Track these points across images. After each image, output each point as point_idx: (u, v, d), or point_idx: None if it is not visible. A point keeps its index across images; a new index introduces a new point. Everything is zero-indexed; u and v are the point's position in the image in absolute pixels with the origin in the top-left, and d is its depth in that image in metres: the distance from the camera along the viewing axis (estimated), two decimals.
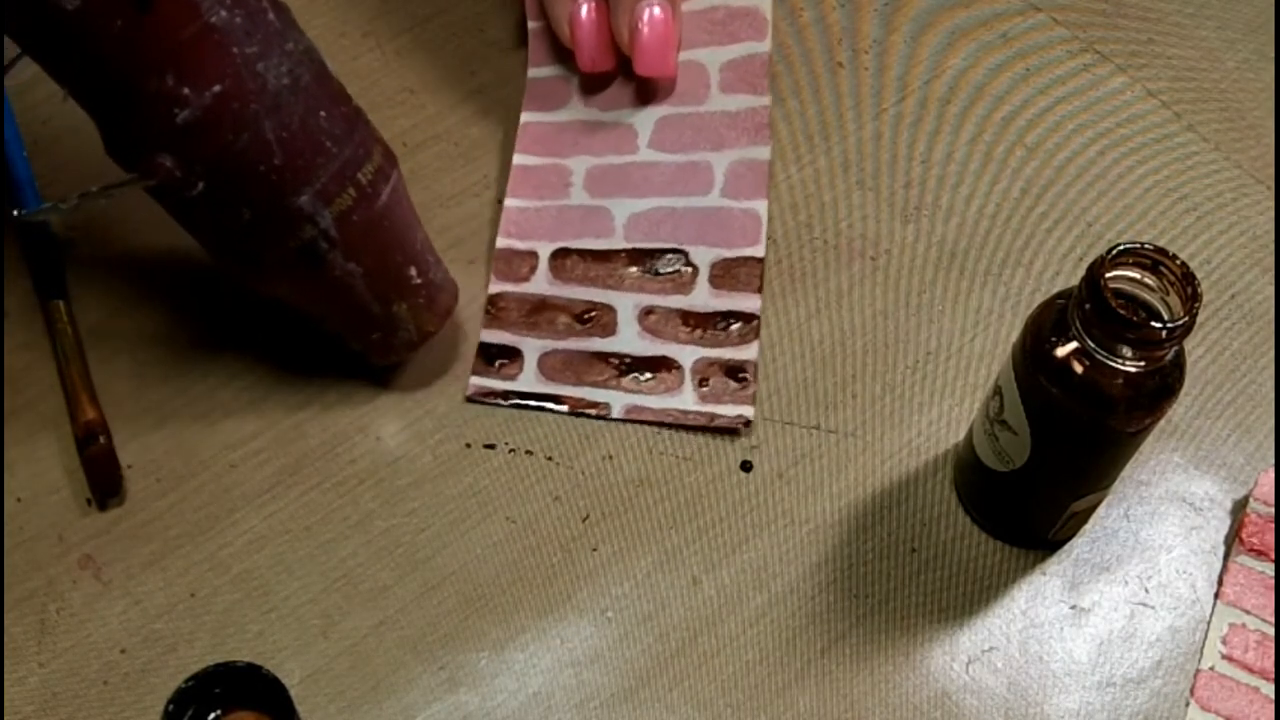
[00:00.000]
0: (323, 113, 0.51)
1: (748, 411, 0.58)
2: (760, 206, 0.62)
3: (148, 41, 0.47)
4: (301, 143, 0.50)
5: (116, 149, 0.51)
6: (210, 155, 0.49)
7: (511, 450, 0.57)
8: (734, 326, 0.60)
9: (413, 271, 0.55)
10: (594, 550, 0.55)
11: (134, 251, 0.62)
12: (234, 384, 0.58)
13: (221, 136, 0.49)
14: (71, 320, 0.59)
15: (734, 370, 0.59)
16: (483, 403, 0.58)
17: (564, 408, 0.58)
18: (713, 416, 0.58)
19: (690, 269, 0.61)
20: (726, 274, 0.61)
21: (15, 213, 0.54)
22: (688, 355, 0.59)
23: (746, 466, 0.57)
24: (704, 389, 0.58)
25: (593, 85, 0.65)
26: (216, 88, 0.48)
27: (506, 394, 0.58)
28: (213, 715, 0.45)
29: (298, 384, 0.58)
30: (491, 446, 0.57)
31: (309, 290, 0.54)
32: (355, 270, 0.53)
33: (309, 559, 0.54)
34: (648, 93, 0.65)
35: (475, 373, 0.59)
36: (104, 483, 0.55)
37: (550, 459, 0.57)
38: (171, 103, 0.48)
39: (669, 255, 0.61)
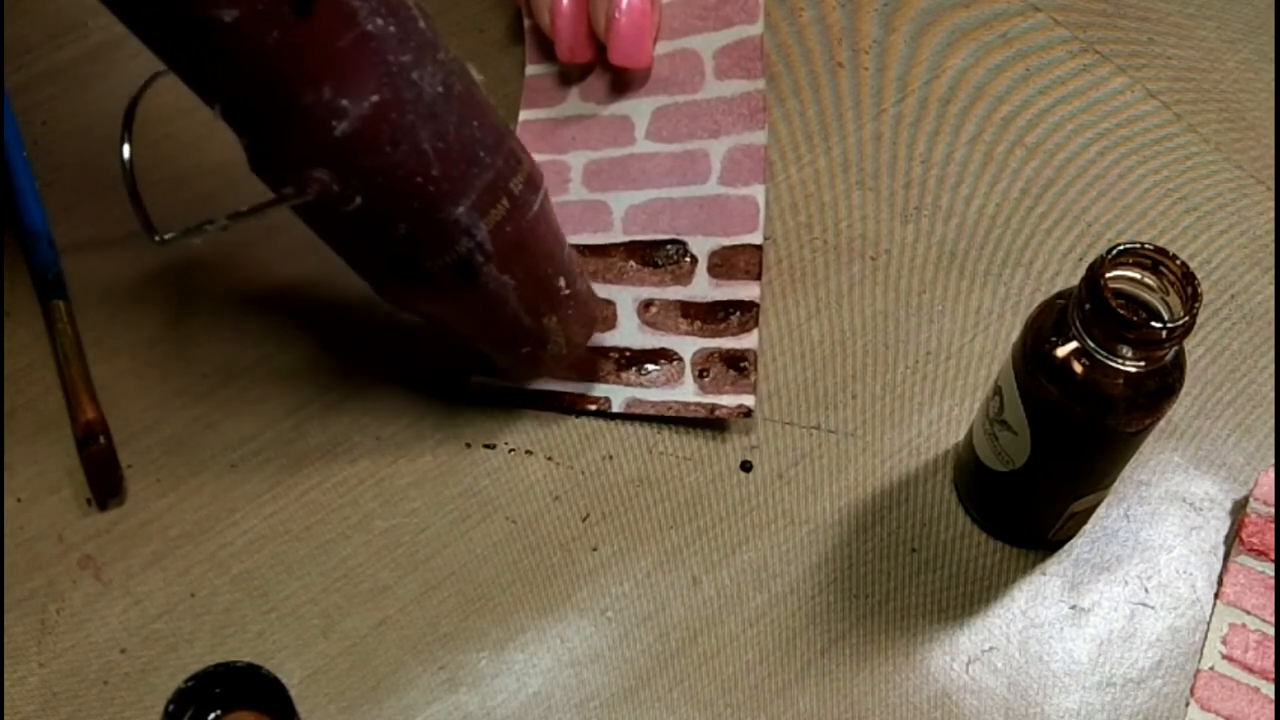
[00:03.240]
0: (475, 122, 0.49)
1: (748, 401, 0.58)
2: (758, 192, 0.62)
3: (305, 51, 0.45)
4: (457, 153, 0.48)
5: (266, 166, 0.49)
6: (368, 168, 0.47)
7: (511, 450, 0.57)
8: (734, 316, 0.60)
9: (562, 283, 0.54)
10: (594, 550, 0.55)
11: (135, 252, 0.62)
12: (234, 384, 0.58)
13: (379, 148, 0.47)
14: (71, 320, 0.59)
15: (734, 360, 0.59)
16: (483, 401, 0.58)
17: (564, 405, 0.58)
18: (714, 407, 0.58)
19: (689, 259, 0.61)
20: (725, 263, 0.61)
21: (157, 237, 0.51)
22: (688, 346, 0.59)
23: (746, 466, 0.57)
24: (704, 380, 0.58)
25: (589, 79, 0.66)
26: (374, 98, 0.46)
27: (506, 391, 0.58)
28: (213, 715, 0.45)
29: (298, 384, 0.58)
30: (491, 446, 0.57)
31: (462, 305, 0.52)
32: (508, 283, 0.52)
33: (309, 559, 0.54)
34: (644, 84, 0.65)
35: (476, 371, 0.59)
36: (104, 483, 0.55)
37: (550, 459, 0.57)
38: (329, 114, 0.46)
39: (668, 246, 0.61)
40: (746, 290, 0.60)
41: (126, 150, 0.51)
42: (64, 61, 0.67)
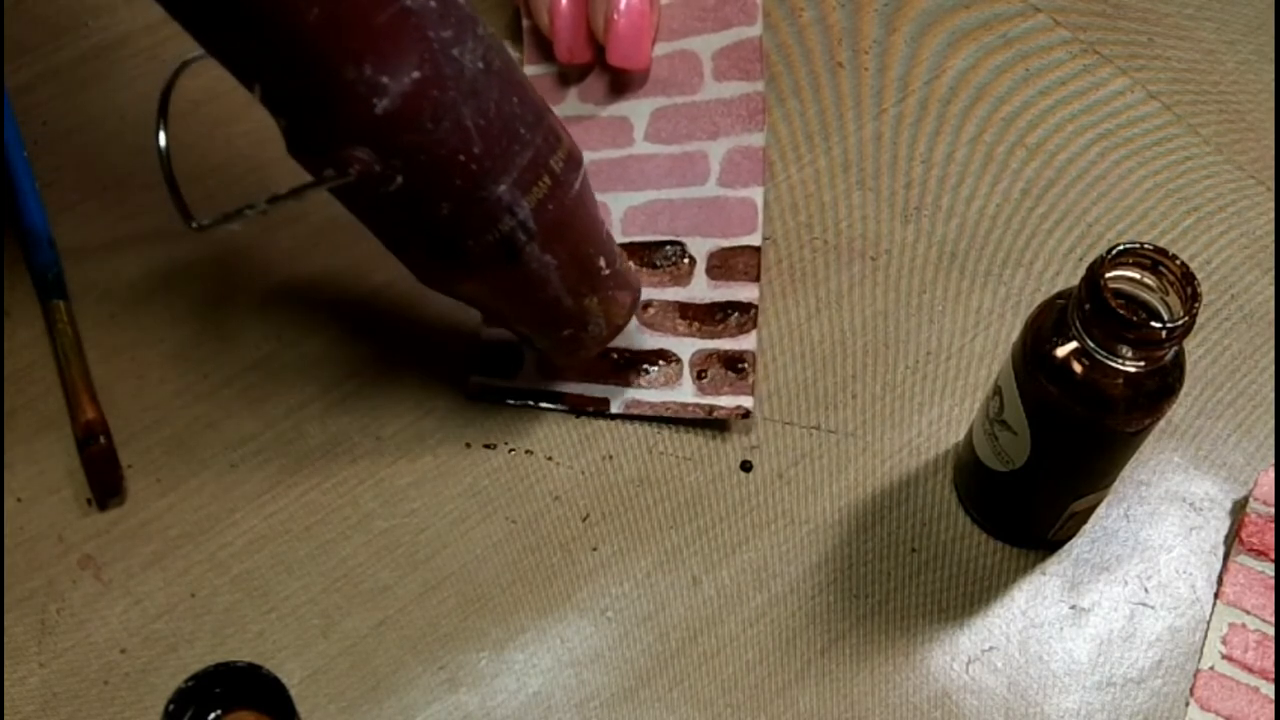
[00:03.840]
0: (515, 98, 0.49)
1: (746, 402, 0.58)
2: (756, 194, 0.62)
3: (346, 27, 0.45)
4: (498, 129, 0.48)
5: (305, 147, 0.48)
6: (410, 145, 0.47)
7: (511, 450, 0.57)
8: (732, 317, 0.60)
9: (602, 263, 0.53)
10: (594, 550, 0.55)
11: (134, 251, 0.62)
12: (234, 384, 0.58)
13: (421, 125, 0.46)
14: (71, 320, 0.59)
15: (732, 361, 0.59)
16: (483, 400, 0.58)
17: (563, 405, 0.58)
18: (712, 408, 0.58)
19: (688, 260, 0.61)
20: (724, 264, 0.61)
21: (194, 224, 0.50)
22: (686, 347, 0.59)
23: (746, 466, 0.57)
24: (703, 381, 0.58)
25: (588, 80, 0.65)
26: (415, 74, 0.46)
27: (506, 391, 0.58)
28: (213, 715, 0.45)
29: (298, 384, 0.58)
30: (491, 446, 0.57)
31: (504, 285, 0.52)
32: (550, 262, 0.51)
33: (309, 559, 0.54)
34: (642, 85, 0.65)
35: (475, 371, 0.59)
36: (104, 483, 0.55)
37: (550, 459, 0.57)
38: (370, 91, 0.45)
39: (666, 247, 0.61)
40: (745, 291, 0.60)
41: (163, 138, 0.50)
42: (64, 61, 0.67)
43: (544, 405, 0.58)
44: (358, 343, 0.60)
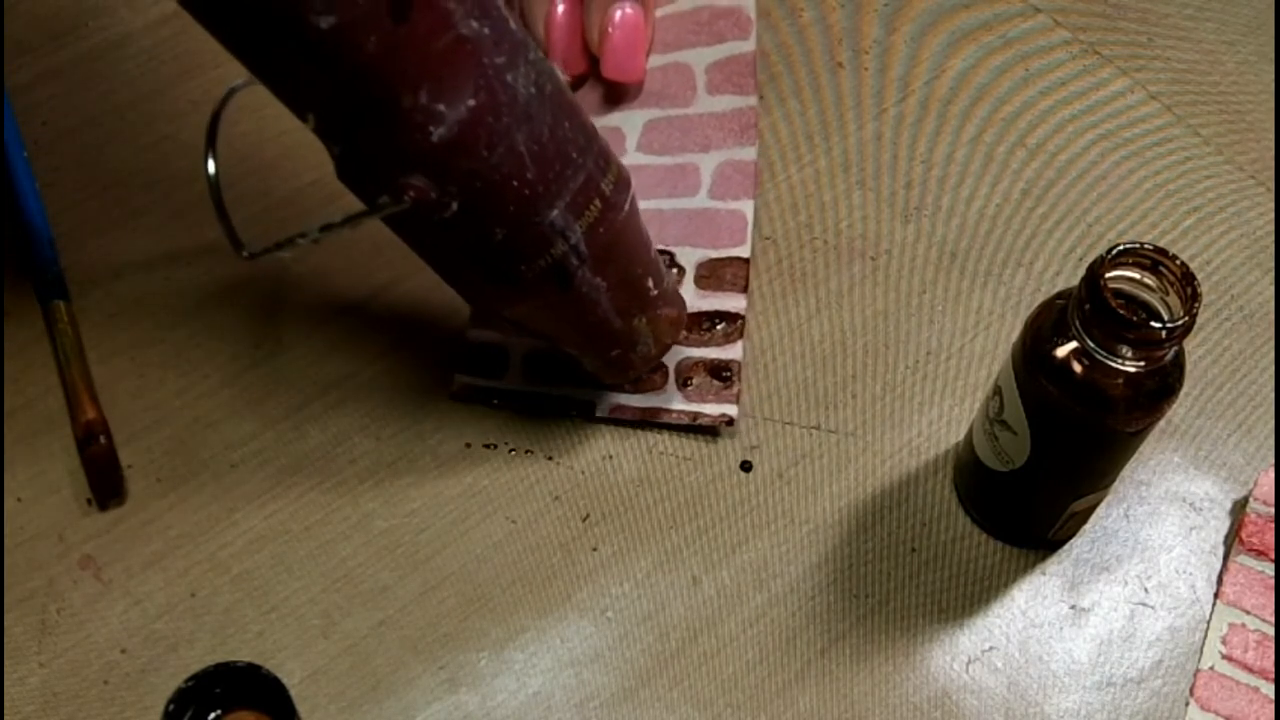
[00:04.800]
0: (567, 123, 0.49)
1: (731, 410, 0.58)
2: (746, 207, 0.62)
3: (403, 56, 0.44)
4: (551, 154, 0.48)
5: (357, 174, 0.48)
6: (466, 172, 0.46)
7: (511, 450, 0.57)
8: (719, 326, 0.60)
9: (650, 283, 0.54)
10: (594, 550, 0.55)
11: (134, 252, 0.62)
12: (234, 384, 0.58)
13: (477, 152, 0.46)
14: (71, 320, 0.59)
15: (718, 370, 0.59)
16: (468, 401, 0.58)
17: (547, 408, 0.58)
18: (696, 415, 0.58)
19: (676, 270, 0.61)
20: (712, 275, 0.61)
21: (245, 253, 0.49)
22: (672, 355, 0.59)
23: (746, 466, 0.57)
24: (688, 388, 0.58)
25: (582, 91, 0.66)
26: (471, 101, 0.46)
27: (491, 393, 0.58)
28: (213, 715, 0.45)
29: (298, 384, 0.58)
30: (491, 446, 0.57)
31: (554, 309, 0.52)
32: (600, 285, 0.51)
33: (309, 559, 0.54)
34: (636, 96, 0.65)
35: (461, 371, 0.59)
36: (104, 483, 0.55)
37: (550, 459, 0.57)
38: (427, 119, 0.45)
39: None
40: (732, 302, 0.60)
41: (212, 165, 0.50)
42: (64, 61, 0.67)
43: (528, 408, 0.58)
44: (358, 343, 0.60)
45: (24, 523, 0.55)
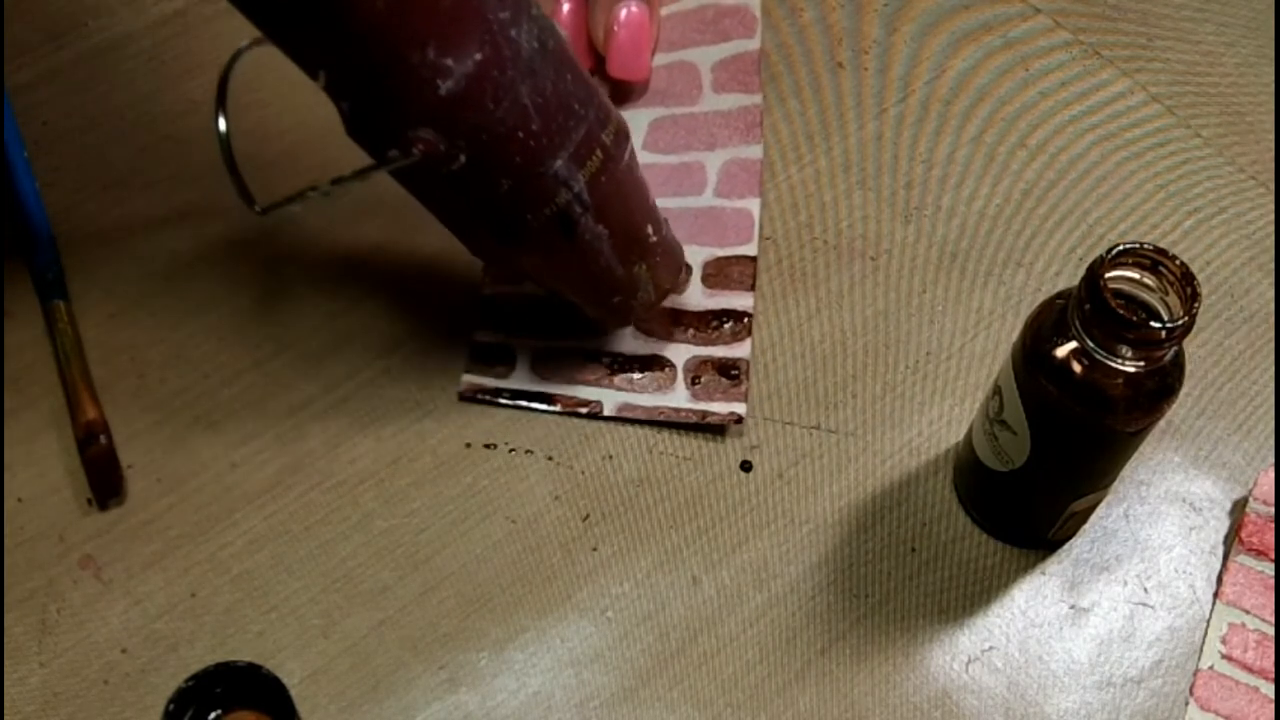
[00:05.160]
0: (568, 76, 0.50)
1: (739, 408, 0.58)
2: (753, 205, 0.62)
3: (411, 12, 0.46)
4: (554, 107, 0.49)
5: (367, 130, 0.49)
6: (473, 125, 0.48)
7: (511, 450, 0.57)
8: (727, 325, 0.60)
9: (650, 230, 0.55)
10: (594, 550, 0.55)
11: (134, 251, 0.62)
12: (234, 384, 0.58)
13: (484, 105, 0.48)
14: (71, 320, 0.59)
15: (726, 368, 0.59)
16: (475, 401, 0.58)
17: (556, 407, 0.58)
18: (705, 414, 0.58)
19: (684, 269, 0.61)
20: (719, 273, 0.61)
21: (257, 207, 0.51)
22: (680, 354, 0.59)
23: (746, 466, 0.57)
24: (696, 386, 0.58)
25: None
26: (477, 56, 0.47)
27: (498, 392, 0.58)
28: (213, 715, 0.45)
29: (298, 384, 0.58)
30: (491, 446, 0.57)
31: (558, 257, 0.53)
32: (602, 233, 0.53)
33: (309, 559, 0.54)
34: (641, 95, 0.65)
35: (468, 371, 0.59)
36: (104, 483, 0.55)
37: (550, 459, 0.57)
38: (435, 74, 0.47)
39: None
40: (740, 300, 0.60)
41: (222, 123, 0.52)
42: (64, 61, 0.67)
43: (536, 406, 0.58)
44: (358, 343, 0.60)
45: (24, 523, 0.55)
